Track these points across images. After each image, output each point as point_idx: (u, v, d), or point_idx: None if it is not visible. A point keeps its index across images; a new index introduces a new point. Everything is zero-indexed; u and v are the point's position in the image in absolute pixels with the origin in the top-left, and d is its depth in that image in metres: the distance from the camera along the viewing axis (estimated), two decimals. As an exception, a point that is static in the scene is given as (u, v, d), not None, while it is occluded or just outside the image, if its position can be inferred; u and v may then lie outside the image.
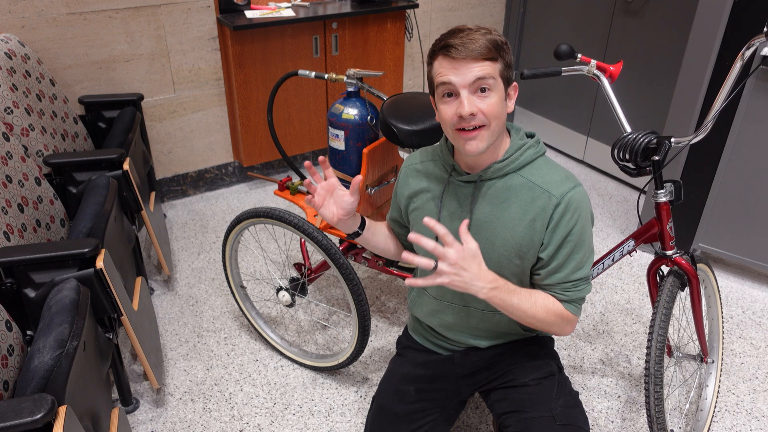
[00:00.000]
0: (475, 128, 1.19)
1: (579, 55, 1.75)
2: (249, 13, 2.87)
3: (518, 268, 1.33)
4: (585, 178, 3.43)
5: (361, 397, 1.98)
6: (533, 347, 1.50)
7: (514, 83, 1.25)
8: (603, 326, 2.30)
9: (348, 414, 1.92)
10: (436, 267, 1.12)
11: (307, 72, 1.97)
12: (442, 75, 1.18)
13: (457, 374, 1.51)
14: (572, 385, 1.52)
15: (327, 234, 2.01)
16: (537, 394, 1.40)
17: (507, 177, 1.29)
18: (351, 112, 1.89)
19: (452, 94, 1.19)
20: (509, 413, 1.41)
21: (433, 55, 1.22)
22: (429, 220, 1.09)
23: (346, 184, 1.96)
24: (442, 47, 1.18)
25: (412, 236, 1.10)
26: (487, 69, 1.16)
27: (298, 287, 2.05)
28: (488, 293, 1.19)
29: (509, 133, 1.33)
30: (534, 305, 1.28)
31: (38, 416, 1.12)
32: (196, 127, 3.07)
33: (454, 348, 1.53)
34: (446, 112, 1.21)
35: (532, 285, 1.38)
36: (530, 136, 1.34)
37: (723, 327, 2.25)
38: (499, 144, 1.28)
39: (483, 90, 1.17)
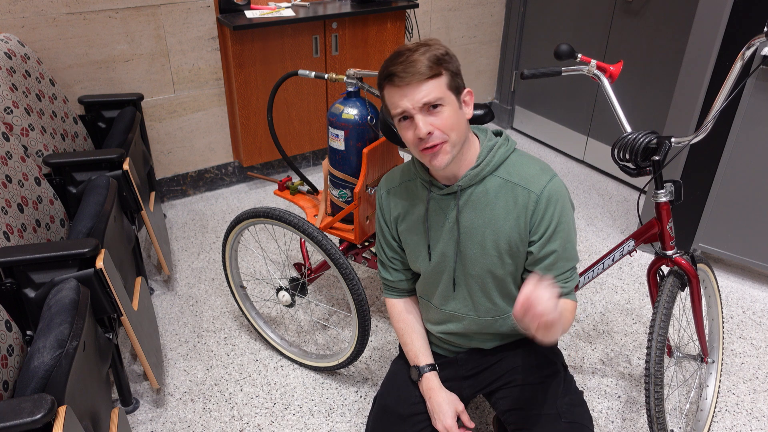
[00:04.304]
0: (435, 144, 1.22)
1: (579, 55, 1.75)
2: (249, 13, 2.87)
3: (512, 267, 1.34)
4: (585, 178, 3.43)
5: (361, 397, 1.98)
6: (537, 346, 1.49)
7: (467, 89, 1.27)
8: (603, 326, 2.30)
9: (348, 414, 1.92)
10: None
11: (307, 72, 1.96)
12: (394, 104, 1.22)
13: (462, 375, 1.51)
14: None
15: (327, 234, 2.01)
16: (542, 392, 1.40)
17: (485, 180, 1.31)
18: (351, 112, 1.89)
19: (408, 117, 1.23)
20: (513, 410, 1.41)
21: (381, 85, 1.24)
22: None
23: (347, 183, 1.96)
24: (387, 76, 1.21)
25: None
26: (433, 90, 1.19)
27: (298, 287, 2.04)
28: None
29: (477, 137, 1.34)
30: (563, 309, 1.26)
31: (38, 416, 1.12)
32: (196, 127, 3.07)
33: (458, 350, 1.53)
34: (407, 135, 1.25)
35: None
36: (498, 134, 1.36)
37: (723, 327, 2.25)
38: (468, 150, 1.30)
39: (435, 107, 1.20)
